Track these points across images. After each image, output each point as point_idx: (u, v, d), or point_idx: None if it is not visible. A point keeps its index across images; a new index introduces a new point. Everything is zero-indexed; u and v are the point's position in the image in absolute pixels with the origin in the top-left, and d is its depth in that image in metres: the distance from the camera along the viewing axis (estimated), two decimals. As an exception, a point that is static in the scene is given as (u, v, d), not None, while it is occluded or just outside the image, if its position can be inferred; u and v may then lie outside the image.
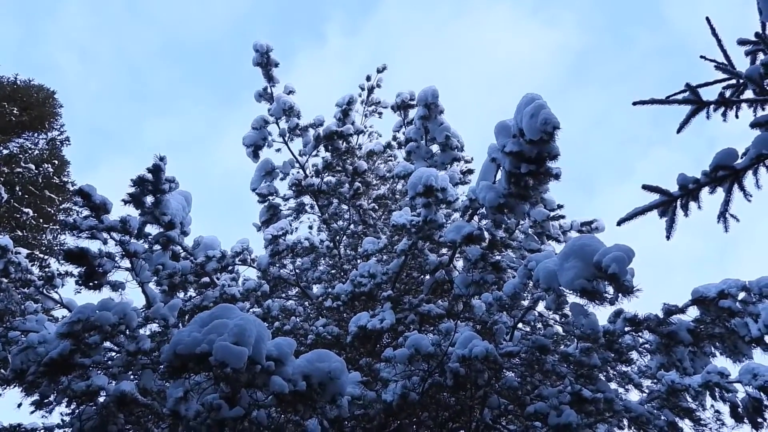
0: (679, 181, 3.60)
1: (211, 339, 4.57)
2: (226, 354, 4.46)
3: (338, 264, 11.21)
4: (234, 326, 4.62)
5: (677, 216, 3.59)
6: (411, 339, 6.38)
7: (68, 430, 8.28)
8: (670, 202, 3.59)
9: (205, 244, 9.44)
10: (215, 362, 4.54)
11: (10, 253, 8.93)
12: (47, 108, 21.30)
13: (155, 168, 7.91)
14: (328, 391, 5.12)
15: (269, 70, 11.06)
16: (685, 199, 3.56)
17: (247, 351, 4.55)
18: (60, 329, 6.56)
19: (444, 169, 9.74)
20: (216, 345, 4.49)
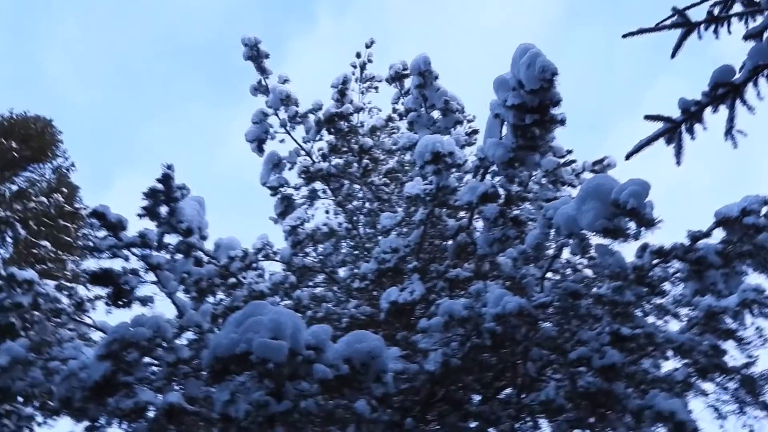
0: (680, 106, 3.59)
1: (248, 338, 4.62)
2: (265, 350, 4.50)
3: (360, 244, 11.23)
4: (269, 321, 4.66)
5: (684, 141, 3.57)
6: (443, 306, 6.40)
7: (123, 448, 8.38)
8: (675, 128, 3.58)
9: (225, 245, 9.48)
10: (256, 360, 4.59)
11: (37, 286, 9.00)
12: (47, 137, 21.33)
13: (165, 177, 7.93)
14: (370, 370, 5.17)
15: (261, 62, 11.06)
16: (689, 122, 3.55)
17: (286, 344, 4.60)
18: (98, 352, 6.62)
19: (448, 133, 9.72)
20: (254, 343, 4.54)
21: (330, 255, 11.34)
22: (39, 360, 7.90)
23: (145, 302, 8.41)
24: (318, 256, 11.46)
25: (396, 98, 11.89)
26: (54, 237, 18.57)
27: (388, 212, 9.95)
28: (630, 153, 3.65)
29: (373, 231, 11.29)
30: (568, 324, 6.78)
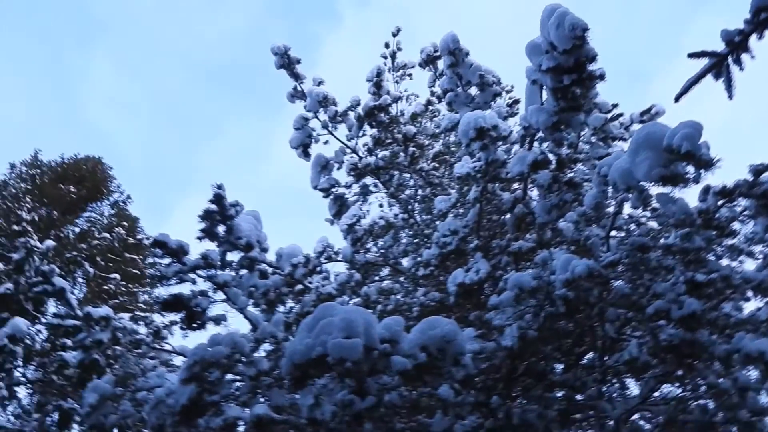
0: (723, 38, 3.47)
1: (322, 340, 4.64)
2: (340, 350, 4.52)
3: (418, 232, 11.22)
4: (340, 321, 4.68)
5: (732, 73, 3.46)
6: (511, 280, 6.35)
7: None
8: (721, 61, 3.46)
9: (287, 254, 9.57)
10: (333, 361, 4.61)
11: (113, 321, 9.19)
12: (99, 176, 21.90)
13: (217, 197, 8.04)
14: (448, 354, 5.15)
15: (293, 68, 11.11)
16: (735, 53, 3.44)
17: (360, 340, 4.61)
18: (182, 376, 6.74)
19: (488, 107, 9.62)
20: (329, 344, 4.56)
21: (391, 247, 11.35)
22: (126, 392, 8.07)
23: (219, 321, 8.55)
24: (379, 250, 11.49)
25: (431, 81, 11.82)
26: (122, 271, 19.02)
27: (441, 196, 9.91)
28: (678, 94, 3.56)
29: (430, 217, 11.26)
30: (640, 279, 6.66)
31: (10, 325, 13.00)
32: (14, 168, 21.46)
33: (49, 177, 21.14)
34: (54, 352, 14.51)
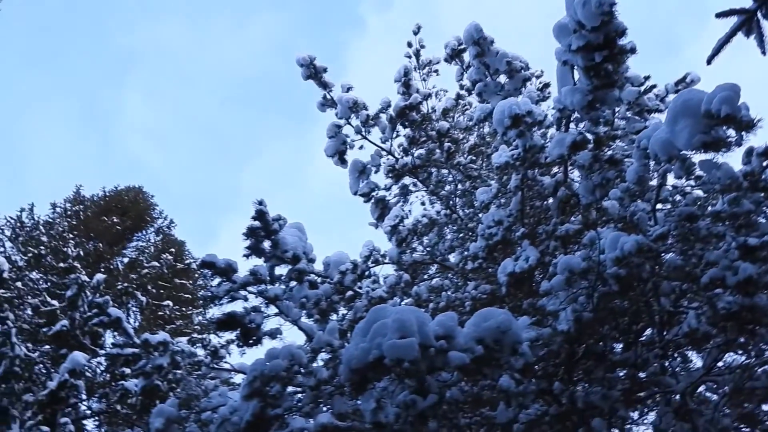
0: (750, -7, 3.41)
1: (378, 343, 4.64)
2: (397, 350, 4.52)
3: (462, 226, 11.19)
4: (393, 322, 4.68)
5: (764, 28, 3.39)
6: (561, 263, 6.29)
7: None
8: (751, 18, 3.40)
9: (334, 261, 9.60)
10: (391, 362, 4.61)
11: (171, 345, 9.30)
12: (141, 204, 22.23)
13: (259, 213, 8.11)
14: (505, 344, 5.11)
15: (320, 78, 11.14)
16: (763, 8, 3.37)
17: (415, 339, 4.60)
18: (243, 392, 6.80)
19: (519, 94, 9.55)
20: (385, 346, 4.56)
21: (436, 244, 11.34)
22: (191, 414, 8.15)
23: (274, 335, 8.60)
24: (425, 248, 11.48)
25: (459, 75, 11.76)
26: (174, 296, 19.28)
27: (482, 188, 9.86)
28: (710, 56, 3.50)
29: (472, 210, 11.23)
30: (691, 249, 6.55)
31: (70, 360, 13.28)
32: (57, 207, 21.86)
33: (92, 211, 21.50)
34: (115, 382, 14.75)
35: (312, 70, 11.15)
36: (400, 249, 10.31)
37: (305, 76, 11.19)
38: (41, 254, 18.84)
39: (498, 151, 8.70)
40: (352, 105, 11.17)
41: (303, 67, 11.15)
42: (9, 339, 13.62)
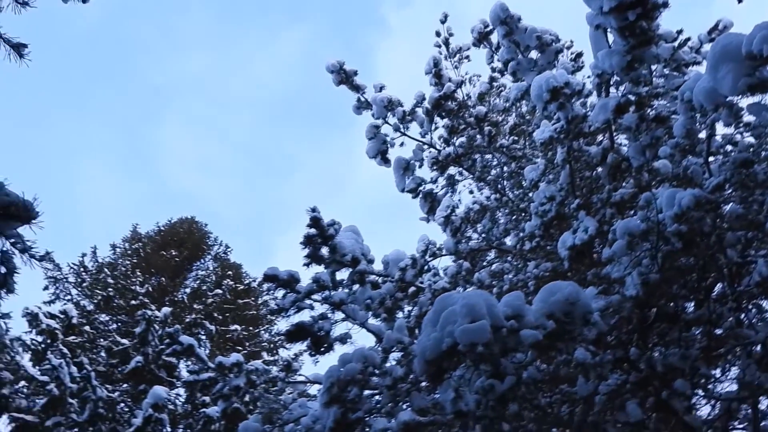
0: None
1: (449, 330, 4.63)
2: (469, 334, 4.50)
3: (514, 207, 11.12)
4: (461, 308, 4.66)
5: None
6: (620, 228, 6.21)
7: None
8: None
9: (393, 259, 9.63)
10: (464, 348, 4.59)
11: (245, 365, 9.41)
12: (196, 234, 22.59)
13: (314, 220, 8.18)
14: (575, 316, 5.06)
15: (352, 81, 11.19)
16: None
17: (486, 321, 4.58)
18: (322, 401, 6.86)
19: (553, 67, 9.47)
20: (456, 332, 4.55)
21: (491, 230, 11.28)
22: (275, 428, 8.24)
23: (344, 340, 8.65)
24: (480, 235, 11.44)
25: (489, 57, 11.71)
26: (239, 316, 19.53)
27: (528, 166, 9.79)
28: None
29: (522, 190, 11.15)
30: (751, 196, 6.43)
31: (151, 395, 13.53)
32: (117, 247, 22.33)
33: (151, 247, 21.91)
34: (197, 410, 14.98)
35: (343, 75, 11.20)
36: (456, 239, 10.29)
37: (337, 81, 11.24)
38: (108, 296, 19.24)
39: (540, 127, 8.64)
40: (387, 103, 11.19)
41: (333, 74, 11.21)
42: (89, 382, 13.94)
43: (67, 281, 19.97)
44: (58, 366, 13.58)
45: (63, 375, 13.61)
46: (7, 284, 4.13)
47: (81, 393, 13.87)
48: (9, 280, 4.14)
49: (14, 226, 4.04)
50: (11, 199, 3.95)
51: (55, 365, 13.57)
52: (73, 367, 14.21)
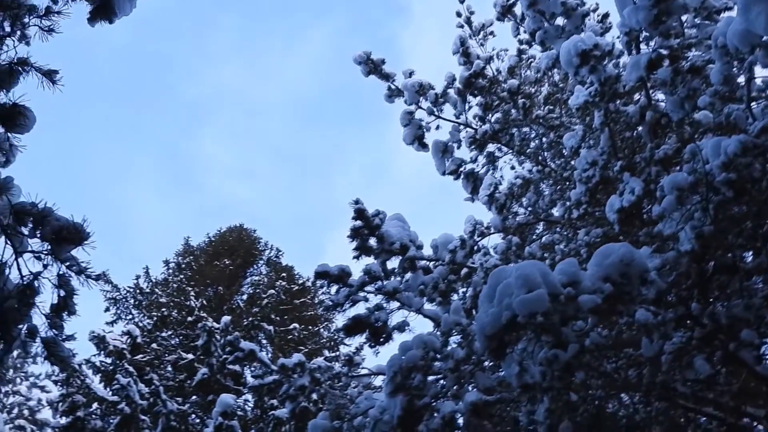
0: None
1: (506, 303, 4.63)
2: (528, 305, 4.49)
3: (558, 177, 11.04)
4: (516, 279, 4.65)
5: None
6: (667, 183, 6.12)
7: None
8: None
9: (442, 243, 9.61)
10: (523, 319, 4.59)
11: (307, 364, 9.49)
12: (246, 241, 22.84)
13: (358, 212, 8.21)
14: (632, 277, 5.01)
15: (380, 70, 11.18)
16: None
17: (543, 290, 4.56)
18: (387, 391, 6.90)
19: (581, 31, 9.36)
20: (514, 304, 4.54)
21: (536, 202, 11.22)
22: (344, 423, 8.30)
23: (402, 328, 8.67)
24: (526, 209, 11.39)
25: (515, 30, 11.61)
26: (297, 317, 19.72)
27: (567, 134, 9.70)
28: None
29: (563, 159, 11.06)
30: (800, 133, 6.28)
31: (220, 403, 13.74)
32: (170, 263, 22.69)
33: (204, 259, 22.20)
34: (265, 414, 15.16)
35: (371, 65, 11.20)
36: (502, 215, 10.25)
37: (365, 72, 11.25)
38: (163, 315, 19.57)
39: (574, 93, 8.56)
40: (418, 88, 11.16)
41: (361, 65, 11.21)
42: (158, 397, 14.20)
43: (126, 301, 20.37)
44: (127, 385, 13.86)
45: (132, 393, 13.88)
46: (67, 306, 4.24)
47: (152, 409, 14.14)
48: (69, 302, 4.25)
49: (68, 249, 4.14)
50: (61, 223, 4.05)
51: (124, 384, 13.85)
52: (141, 385, 14.51)
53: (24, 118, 4.20)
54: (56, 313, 4.31)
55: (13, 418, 22.37)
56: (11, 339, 4.23)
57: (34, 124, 4.28)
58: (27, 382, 23.74)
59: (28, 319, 4.28)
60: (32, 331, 4.31)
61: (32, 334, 4.30)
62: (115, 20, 5.03)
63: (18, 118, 4.19)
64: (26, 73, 4.45)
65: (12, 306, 4.18)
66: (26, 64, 4.46)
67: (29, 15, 4.55)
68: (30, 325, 4.31)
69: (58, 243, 4.12)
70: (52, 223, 4.11)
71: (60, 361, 4.35)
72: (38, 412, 22.86)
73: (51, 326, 4.33)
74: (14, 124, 4.20)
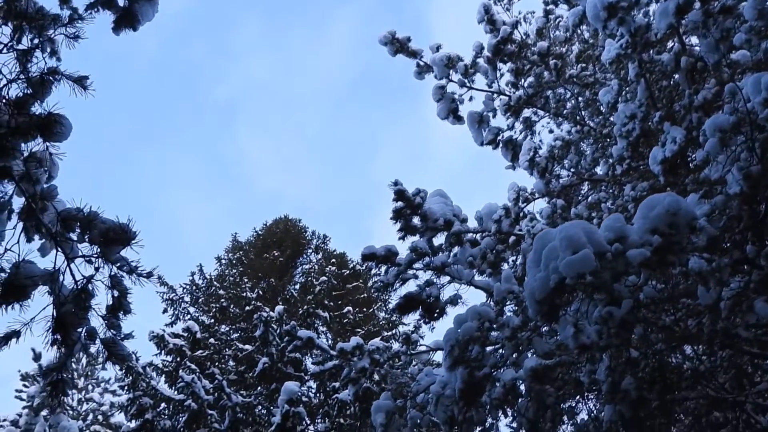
0: None
1: (553, 267, 4.58)
2: (574, 266, 4.44)
3: (598, 135, 10.89)
4: (561, 241, 4.60)
5: None
6: (708, 126, 5.98)
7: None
8: None
9: (486, 213, 9.55)
10: (572, 281, 4.54)
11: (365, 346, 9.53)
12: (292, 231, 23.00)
13: (398, 193, 8.19)
14: (680, 226, 4.92)
15: (407, 48, 11.12)
16: None
17: (588, 250, 4.51)
18: (446, 365, 6.91)
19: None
20: (561, 267, 4.50)
21: (579, 162, 11.09)
22: (407, 401, 8.34)
23: (455, 302, 8.64)
24: (569, 170, 11.26)
25: (540, -10, 11.47)
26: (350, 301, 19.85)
27: (602, 90, 9.55)
28: None
29: (601, 116, 10.91)
30: None
31: (284, 391, 13.90)
32: (222, 259, 22.99)
33: (253, 252, 22.42)
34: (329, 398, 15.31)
35: (397, 45, 11.14)
36: (545, 179, 10.15)
37: (392, 52, 11.19)
38: (222, 306, 19.85)
39: (605, 47, 8.42)
40: (447, 61, 11.07)
41: (387, 45, 11.16)
42: (223, 391, 14.41)
43: (183, 301, 20.73)
44: (191, 381, 14.09)
45: (197, 389, 14.11)
46: (122, 306, 4.32)
47: (217, 403, 14.37)
48: (123, 301, 4.33)
49: (116, 250, 4.21)
50: (108, 225, 4.12)
51: (188, 381, 14.08)
52: (205, 380, 14.74)
53: (60, 126, 4.28)
54: (112, 314, 4.41)
55: (88, 424, 23.00)
56: (72, 343, 4.33)
57: (71, 131, 4.35)
58: (99, 388, 24.39)
59: (86, 322, 4.39)
60: (91, 333, 4.42)
61: (91, 336, 4.41)
62: (138, 27, 5.09)
63: (54, 127, 4.26)
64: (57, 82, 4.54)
65: (69, 311, 4.28)
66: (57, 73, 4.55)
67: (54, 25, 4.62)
68: (88, 328, 4.41)
69: (106, 245, 4.20)
70: (99, 226, 4.19)
71: (120, 360, 4.45)
72: (111, 416, 23.48)
73: (109, 327, 4.44)
74: (51, 132, 4.28)
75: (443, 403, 7.57)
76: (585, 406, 9.03)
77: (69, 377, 4.76)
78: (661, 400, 7.22)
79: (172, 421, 14.96)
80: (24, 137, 4.35)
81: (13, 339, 4.43)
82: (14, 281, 4.33)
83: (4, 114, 4.39)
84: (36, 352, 22.11)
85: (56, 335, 4.36)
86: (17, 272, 4.36)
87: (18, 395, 22.74)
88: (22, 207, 4.64)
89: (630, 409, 6.41)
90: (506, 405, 7.55)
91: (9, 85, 4.58)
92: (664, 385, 6.98)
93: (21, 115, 4.37)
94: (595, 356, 6.37)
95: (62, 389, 4.66)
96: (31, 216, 4.56)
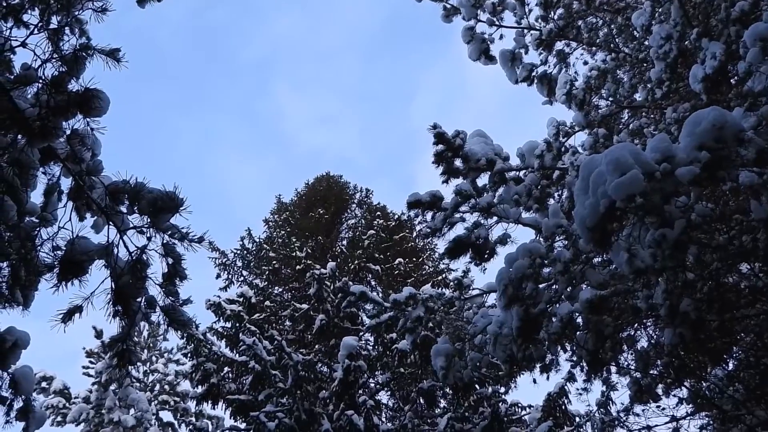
0: None
1: (602, 191, 4.56)
2: (623, 188, 4.41)
3: (634, 61, 10.68)
4: (607, 165, 4.57)
5: None
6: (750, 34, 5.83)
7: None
8: None
9: (527, 150, 9.46)
10: (622, 204, 4.51)
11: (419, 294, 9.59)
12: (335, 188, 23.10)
13: (438, 136, 8.18)
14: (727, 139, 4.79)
15: (434, -8, 11.00)
16: None
17: (636, 170, 4.47)
18: (501, 305, 6.94)
19: None
20: (609, 190, 4.47)
21: (617, 90, 10.91)
22: (465, 344, 8.40)
23: (504, 241, 8.63)
24: (607, 99, 11.09)
25: None
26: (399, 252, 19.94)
27: (635, 13, 9.35)
28: None
29: (636, 41, 10.68)
30: None
31: (344, 346, 14.12)
32: (269, 222, 23.17)
33: (298, 213, 22.53)
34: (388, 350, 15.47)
35: (424, -9, 11.02)
36: (584, 111, 10.01)
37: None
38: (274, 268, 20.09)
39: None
40: (474, 1, 10.92)
41: (412, -7, 11.05)
42: (283, 351, 14.66)
43: (235, 265, 21.02)
44: (252, 344, 14.33)
45: (259, 350, 14.35)
46: (178, 272, 4.42)
47: (280, 363, 14.61)
48: (178, 268, 4.43)
49: (166, 218, 4.29)
50: (155, 195, 4.19)
51: (249, 344, 14.32)
52: (265, 342, 14.98)
53: (98, 101, 4.34)
54: (169, 281, 4.51)
55: (156, 395, 23.64)
56: (133, 313, 4.45)
57: (109, 105, 4.41)
58: (162, 358, 25.02)
59: (145, 291, 4.50)
60: (150, 302, 4.53)
61: (151, 305, 4.52)
62: (162, -3, 5.11)
63: (93, 102, 4.32)
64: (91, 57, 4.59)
65: (127, 282, 4.39)
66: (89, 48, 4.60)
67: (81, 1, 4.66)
68: (148, 297, 4.53)
69: (155, 214, 4.28)
70: (146, 196, 4.27)
71: (182, 326, 4.57)
72: (177, 384, 24.08)
73: (167, 294, 4.55)
74: (90, 108, 4.34)
75: (501, 343, 7.60)
76: (644, 332, 9.04)
77: (133, 347, 4.90)
78: (720, 319, 7.19)
79: (237, 383, 15.28)
80: (64, 115, 4.42)
81: (76, 314, 4.56)
82: (71, 258, 4.46)
83: (42, 94, 4.46)
84: (97, 330, 22.77)
85: (117, 306, 4.48)
86: (72, 248, 4.48)
87: (86, 372, 23.46)
88: (71, 186, 4.74)
89: (690, 331, 6.40)
90: (565, 339, 7.59)
91: (44, 65, 4.65)
92: (723, 304, 6.95)
93: (59, 94, 4.43)
94: (651, 280, 6.34)
95: (128, 359, 4.79)
96: (80, 194, 4.67)
